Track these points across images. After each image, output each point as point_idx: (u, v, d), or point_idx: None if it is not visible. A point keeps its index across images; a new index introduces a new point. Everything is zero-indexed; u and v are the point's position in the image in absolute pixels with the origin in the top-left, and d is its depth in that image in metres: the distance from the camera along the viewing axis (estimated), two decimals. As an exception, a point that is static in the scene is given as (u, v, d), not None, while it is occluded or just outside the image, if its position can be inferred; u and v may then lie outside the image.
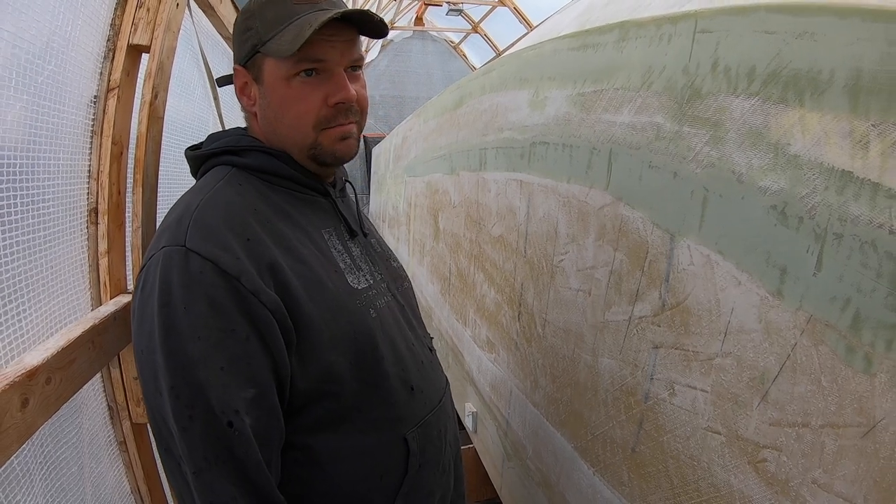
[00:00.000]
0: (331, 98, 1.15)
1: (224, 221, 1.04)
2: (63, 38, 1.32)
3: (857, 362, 0.78)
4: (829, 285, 0.81)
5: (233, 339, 0.98)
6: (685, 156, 1.10)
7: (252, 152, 1.19)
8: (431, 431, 1.26)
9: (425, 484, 1.24)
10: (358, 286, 1.18)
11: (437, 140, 3.44)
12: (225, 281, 0.98)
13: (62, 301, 1.39)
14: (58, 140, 1.35)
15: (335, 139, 1.19)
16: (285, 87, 1.15)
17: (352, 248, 1.25)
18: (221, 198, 1.10)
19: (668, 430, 1.16)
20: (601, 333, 1.40)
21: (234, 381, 0.97)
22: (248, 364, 0.98)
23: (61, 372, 1.17)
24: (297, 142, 1.19)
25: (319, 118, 1.16)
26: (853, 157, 0.78)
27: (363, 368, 1.13)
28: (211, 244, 1.00)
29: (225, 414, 0.96)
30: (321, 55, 1.13)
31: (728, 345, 1.00)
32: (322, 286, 1.10)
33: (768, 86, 0.93)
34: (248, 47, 1.16)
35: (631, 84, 1.30)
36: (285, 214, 1.15)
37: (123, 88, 1.51)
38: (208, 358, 0.96)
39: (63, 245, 1.40)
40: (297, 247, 1.11)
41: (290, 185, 1.20)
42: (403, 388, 1.20)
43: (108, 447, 1.69)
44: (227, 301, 0.98)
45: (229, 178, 1.15)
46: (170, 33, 1.59)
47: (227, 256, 1.00)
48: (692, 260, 1.08)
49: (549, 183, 1.71)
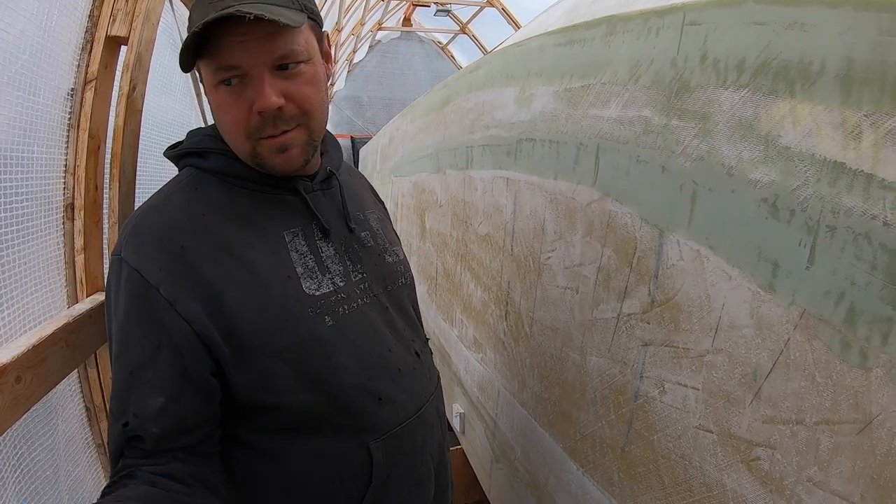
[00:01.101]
0: (254, 106, 1.04)
1: (159, 229, 1.06)
2: (39, 29, 1.30)
3: (852, 357, 0.76)
4: (822, 279, 0.80)
5: (144, 345, 1.01)
6: (674, 150, 1.09)
7: (212, 155, 1.15)
8: (403, 443, 1.21)
9: (395, 497, 1.21)
10: (316, 292, 1.13)
11: (423, 139, 3.43)
12: (145, 289, 1.01)
13: (36, 299, 1.36)
14: (33, 133, 1.32)
15: (273, 151, 1.09)
16: (214, 95, 1.07)
17: (322, 248, 1.19)
18: (169, 203, 1.10)
19: (659, 429, 1.14)
20: (589, 331, 1.38)
21: (142, 387, 1.00)
22: (156, 372, 1.01)
23: (32, 371, 1.15)
24: (238, 150, 1.12)
25: (249, 128, 1.06)
26: (845, 147, 0.77)
27: (314, 379, 1.10)
28: (139, 255, 1.02)
29: (122, 416, 1.00)
30: (233, 61, 1.02)
31: (719, 341, 0.98)
32: (265, 293, 1.07)
33: (758, 77, 0.92)
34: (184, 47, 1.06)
35: (618, 78, 1.28)
36: (241, 218, 1.11)
37: (101, 81, 1.48)
38: (120, 360, 1.02)
39: (38, 241, 1.37)
40: (244, 253, 1.08)
41: (252, 186, 1.15)
42: (368, 397, 1.16)
43: (86, 450, 1.66)
44: (144, 309, 1.01)
45: (187, 182, 1.15)
46: (149, 24, 1.56)
47: (150, 266, 1.01)
48: (682, 255, 1.07)
49: (536, 180, 1.69)
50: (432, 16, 12.10)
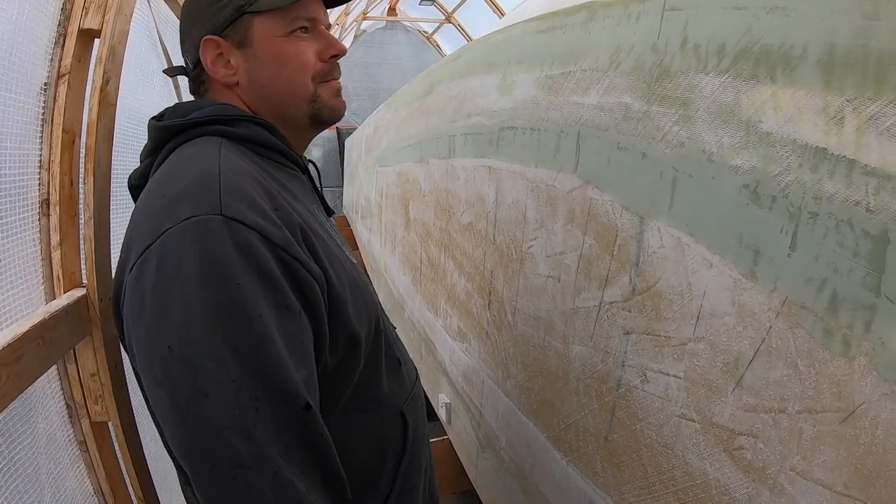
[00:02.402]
0: (324, 53, 1.17)
1: (253, 188, 0.93)
2: (10, 24, 1.27)
3: (834, 345, 0.76)
4: (804, 266, 0.79)
5: (289, 315, 0.87)
6: (654, 136, 1.08)
7: (243, 122, 1.10)
8: (417, 404, 1.27)
9: (418, 457, 1.24)
10: (354, 260, 1.17)
11: (407, 129, 3.42)
12: (274, 252, 0.87)
13: (13, 296, 1.34)
14: (5, 129, 1.30)
15: (333, 93, 1.20)
16: (282, 43, 1.13)
17: (329, 226, 1.21)
18: (237, 163, 0.98)
19: (641, 418, 1.13)
20: (571, 320, 1.38)
21: (293, 361, 0.86)
22: (302, 342, 0.89)
23: (7, 368, 1.13)
24: (297, 96, 1.16)
25: (317, 71, 1.16)
26: (827, 133, 0.76)
27: (370, 344, 1.10)
28: (253, 212, 0.88)
29: (300, 396, 0.85)
30: (313, 13, 1.15)
31: (701, 329, 0.98)
32: (336, 258, 1.04)
33: (739, 62, 0.91)
34: (228, 12, 1.10)
35: (599, 65, 1.27)
36: (284, 186, 1.07)
37: (74, 75, 1.46)
38: (272, 339, 0.84)
39: (12, 238, 1.34)
40: (305, 218, 1.02)
41: (278, 158, 1.14)
42: (395, 361, 1.20)
43: (67, 447, 1.64)
44: (281, 274, 0.87)
45: (225, 147, 1.02)
46: (121, 16, 1.53)
47: (271, 226, 0.88)
48: (662, 242, 1.06)
49: (518, 168, 1.68)
50: (417, 5, 12.06)
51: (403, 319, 3.56)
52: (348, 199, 8.28)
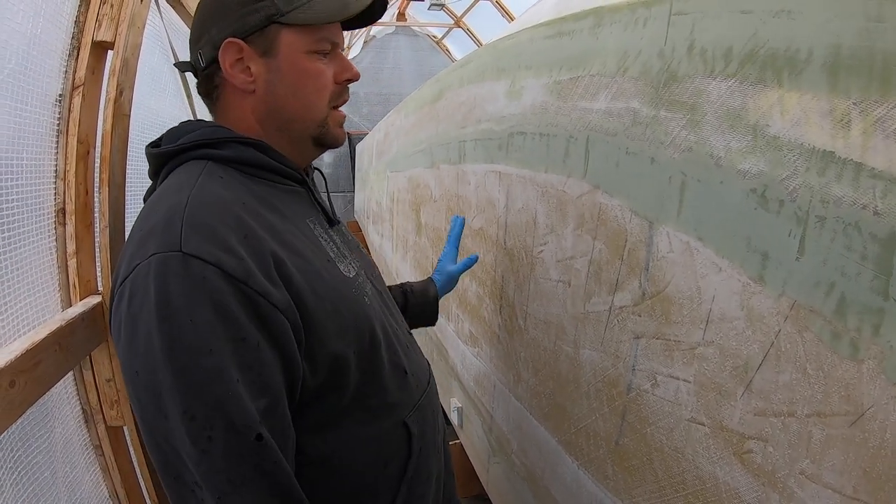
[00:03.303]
0: (339, 76, 1.18)
1: (219, 219, 0.95)
2: (25, 37, 1.29)
3: (843, 349, 0.76)
4: (812, 270, 0.79)
5: (245, 347, 0.90)
6: (662, 141, 1.08)
7: (230, 143, 1.11)
8: (426, 413, 1.25)
9: (426, 466, 1.23)
10: (349, 274, 1.15)
11: (417, 134, 3.42)
12: (232, 285, 0.89)
13: (30, 304, 1.36)
14: (22, 140, 1.32)
15: (337, 123, 1.21)
16: (306, 61, 1.14)
17: (334, 236, 1.21)
18: (210, 193, 1.00)
19: (652, 422, 1.14)
20: (582, 324, 1.38)
21: (250, 391, 0.90)
22: (261, 373, 0.91)
23: (25, 375, 1.14)
24: (309, 116, 1.17)
25: (332, 94, 1.18)
26: (834, 136, 0.76)
27: (365, 358, 1.10)
28: (211, 246, 0.91)
29: (251, 428, 0.89)
30: (337, 37, 1.17)
31: (710, 333, 0.98)
32: (320, 277, 1.05)
33: (745, 66, 0.91)
34: (258, 17, 1.10)
35: (607, 70, 1.28)
36: (271, 206, 1.08)
37: (88, 86, 1.48)
38: (223, 371, 0.87)
39: (29, 246, 1.36)
40: (290, 239, 1.04)
41: (269, 177, 1.14)
42: (399, 372, 1.19)
43: (83, 451, 1.66)
44: (236, 307, 0.89)
45: (208, 171, 1.06)
46: (134, 29, 1.55)
47: (230, 258, 0.91)
48: (671, 247, 1.06)
49: (527, 173, 1.68)
50: (426, 10, 12.05)
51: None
52: (359, 204, 8.28)
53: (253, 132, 1.15)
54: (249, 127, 1.16)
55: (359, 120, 11.97)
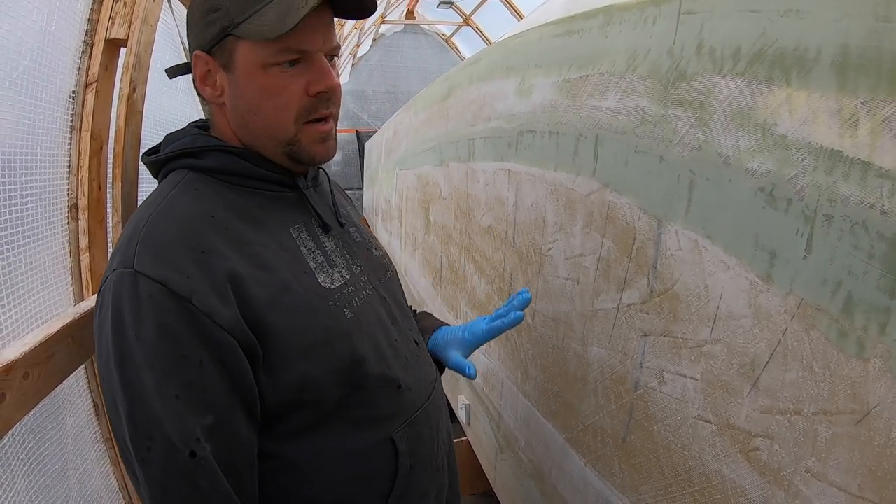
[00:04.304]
0: (312, 87, 1.06)
1: (176, 235, 0.97)
2: (39, 34, 1.30)
3: (849, 347, 0.76)
4: (819, 268, 0.79)
5: (186, 365, 0.91)
6: (671, 139, 1.09)
7: (211, 153, 1.10)
8: (422, 429, 1.21)
9: (419, 485, 1.19)
10: (331, 285, 1.11)
11: (426, 132, 3.43)
12: (176, 304, 0.91)
13: (43, 297, 1.37)
14: (36, 136, 1.33)
15: (315, 139, 1.11)
16: (262, 76, 1.04)
17: (325, 243, 1.18)
18: (174, 208, 1.01)
19: (659, 420, 1.14)
20: (590, 322, 1.38)
21: (191, 409, 0.91)
22: (204, 390, 0.93)
23: (39, 367, 1.15)
24: (274, 136, 1.10)
25: (301, 109, 1.07)
26: (842, 135, 0.76)
27: (343, 372, 1.07)
28: (160, 265, 0.93)
29: (186, 445, 0.90)
30: (305, 45, 1.04)
31: (717, 331, 0.98)
32: (289, 291, 1.03)
33: (754, 65, 0.91)
34: (215, 30, 1.04)
35: (616, 68, 1.28)
36: (248, 217, 1.07)
37: (102, 83, 1.48)
38: (161, 387, 0.90)
39: (43, 241, 1.38)
40: (259, 252, 1.03)
41: (253, 184, 1.12)
42: (389, 386, 1.15)
43: (94, 444, 1.67)
44: (179, 325, 0.91)
45: (185, 183, 1.07)
46: (147, 26, 1.56)
47: (177, 276, 0.92)
48: (680, 245, 1.06)
49: (537, 171, 1.69)
50: (435, 8, 12.06)
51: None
52: (368, 202, 8.28)
53: (234, 141, 1.13)
54: (230, 137, 1.14)
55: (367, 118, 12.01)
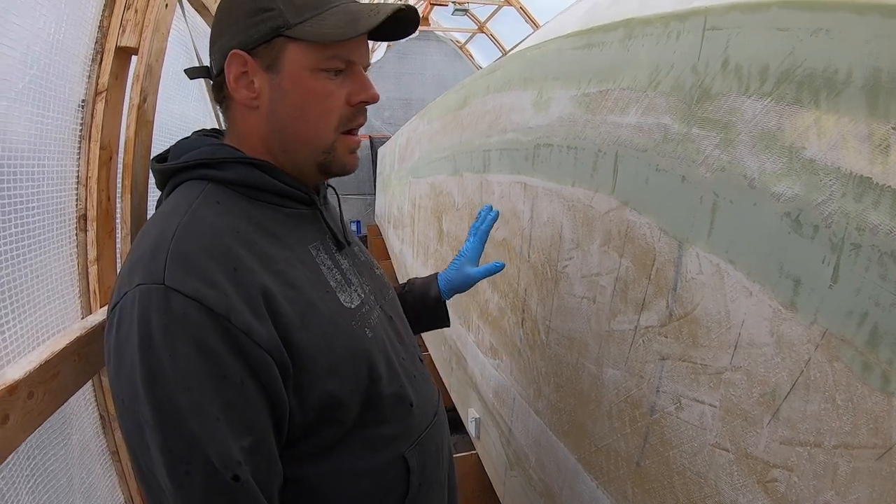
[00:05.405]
0: (354, 97, 1.09)
1: (206, 250, 0.93)
2: (48, 44, 1.28)
3: (873, 380, 0.74)
4: (845, 298, 0.77)
5: (226, 384, 0.88)
6: (694, 159, 1.06)
7: (232, 164, 1.07)
8: (429, 447, 1.20)
9: (426, 502, 1.18)
10: (351, 304, 1.11)
11: (440, 141, 3.42)
12: (213, 321, 0.87)
13: (50, 310, 1.35)
14: (44, 146, 1.31)
15: (347, 150, 1.13)
16: (311, 80, 1.05)
17: (340, 261, 1.17)
18: (200, 221, 0.97)
19: (675, 445, 1.12)
20: (606, 343, 1.36)
21: (232, 429, 0.88)
22: (244, 410, 0.89)
23: (44, 386, 1.12)
24: (311, 142, 1.09)
25: (341, 118, 1.09)
26: (872, 161, 0.75)
27: (362, 391, 1.06)
28: (194, 279, 0.89)
29: (228, 468, 0.86)
30: (353, 55, 1.07)
31: (738, 358, 0.96)
32: (315, 310, 1.01)
33: (782, 86, 0.89)
34: (264, 29, 1.03)
35: (637, 84, 1.26)
36: (269, 233, 1.05)
37: (112, 92, 1.46)
38: (202, 408, 0.86)
39: (50, 253, 1.36)
40: (285, 269, 1.01)
41: (272, 199, 1.10)
42: (402, 404, 1.14)
43: (100, 457, 1.66)
44: (217, 343, 0.87)
45: (205, 195, 1.03)
46: (158, 35, 1.54)
47: (213, 293, 0.88)
48: (701, 269, 1.04)
49: (554, 186, 1.67)
50: (450, 15, 12.09)
51: (434, 332, 3.55)
52: (380, 208, 8.30)
53: (258, 149, 1.11)
54: (255, 144, 1.12)
55: (380, 124, 12.02)
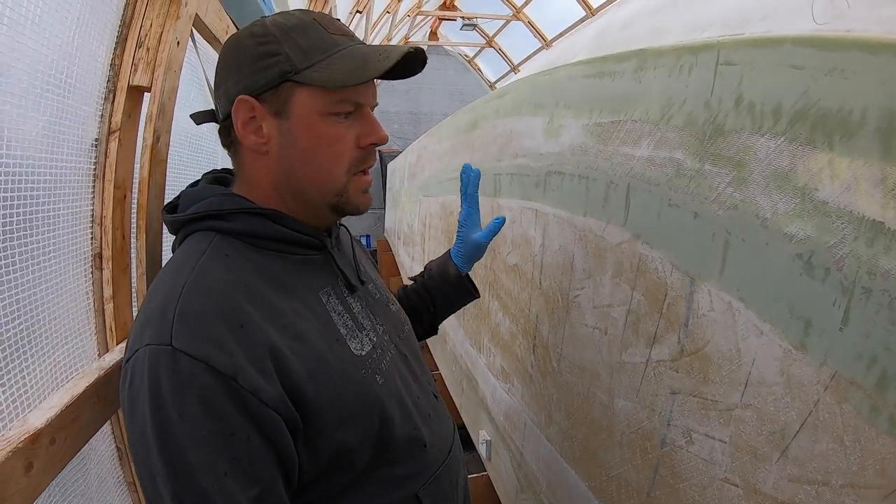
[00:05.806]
0: (364, 139, 1.09)
1: (213, 309, 0.94)
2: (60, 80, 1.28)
3: (881, 423, 0.75)
4: (855, 341, 0.78)
5: (234, 441, 0.89)
6: (707, 196, 1.07)
7: (240, 215, 1.07)
8: (444, 484, 1.20)
9: None
10: (362, 352, 1.10)
11: (451, 161, 3.43)
12: (220, 381, 0.89)
13: (68, 350, 1.35)
14: (58, 189, 1.30)
15: (360, 190, 1.13)
16: (321, 124, 1.05)
17: (352, 305, 1.17)
18: (208, 278, 0.98)
19: (685, 478, 1.12)
20: (617, 374, 1.36)
21: (239, 483, 0.89)
22: (251, 464, 0.91)
23: (65, 431, 1.12)
24: (323, 186, 1.09)
25: (352, 160, 1.09)
26: (885, 206, 0.75)
27: (373, 436, 1.06)
28: (201, 341, 0.90)
29: None
30: (362, 98, 1.08)
31: (748, 396, 0.96)
32: (324, 363, 1.01)
33: (795, 125, 0.89)
34: (271, 74, 1.03)
35: (650, 116, 1.26)
36: (279, 284, 1.05)
37: (125, 131, 1.46)
38: (210, 465, 0.88)
39: (67, 293, 1.35)
40: (293, 322, 1.01)
41: (281, 248, 1.10)
42: (416, 446, 1.14)
43: (117, 489, 1.66)
44: (225, 403, 0.89)
45: (213, 248, 1.04)
46: (171, 73, 1.54)
47: (220, 354, 0.90)
48: (712, 306, 1.05)
49: (565, 214, 1.68)
50: (459, 30, 12.15)
51: (445, 352, 3.55)
52: (390, 223, 8.31)
53: (269, 195, 1.11)
54: (266, 189, 1.11)
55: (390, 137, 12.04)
